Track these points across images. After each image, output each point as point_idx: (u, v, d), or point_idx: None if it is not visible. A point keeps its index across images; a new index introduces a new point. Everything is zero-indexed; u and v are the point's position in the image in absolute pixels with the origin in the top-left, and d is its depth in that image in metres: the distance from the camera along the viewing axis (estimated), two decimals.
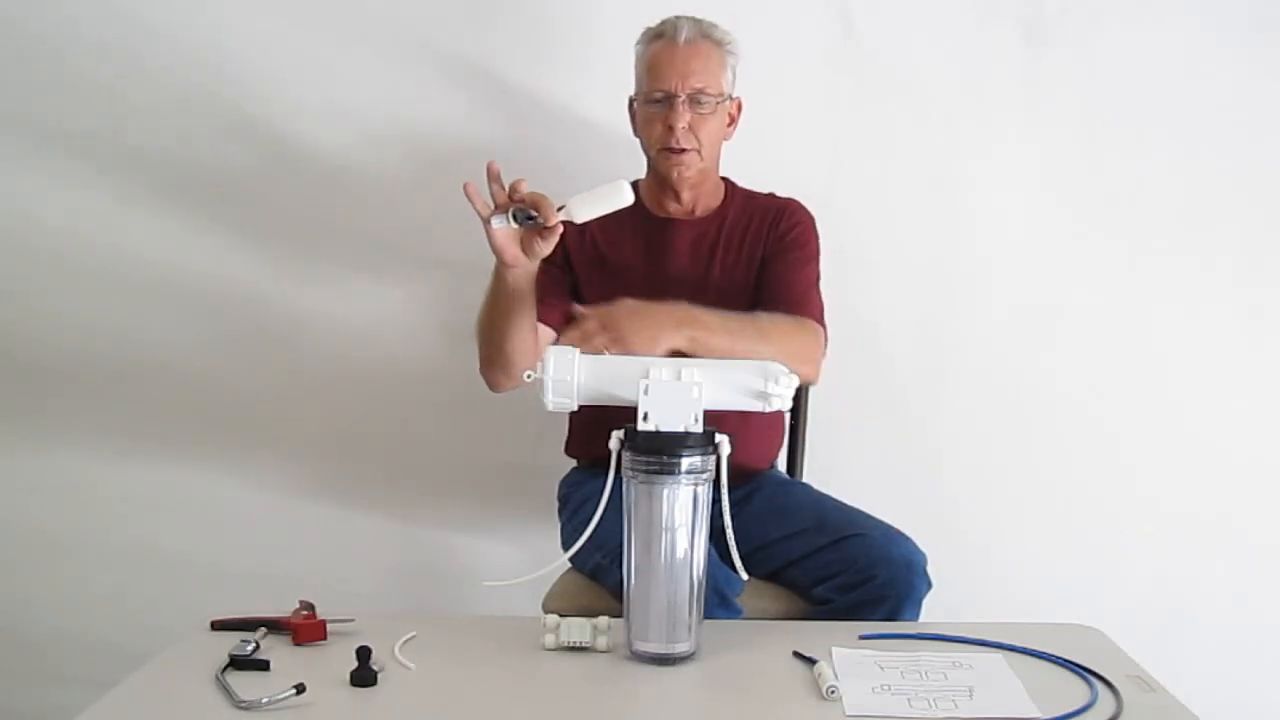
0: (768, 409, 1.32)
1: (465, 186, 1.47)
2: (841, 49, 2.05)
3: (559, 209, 1.44)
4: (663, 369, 1.28)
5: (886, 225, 2.09)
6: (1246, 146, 2.08)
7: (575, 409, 1.33)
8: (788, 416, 1.89)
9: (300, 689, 1.13)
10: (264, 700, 1.12)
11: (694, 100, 1.66)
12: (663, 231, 1.77)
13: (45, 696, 2.07)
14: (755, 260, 1.75)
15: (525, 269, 1.52)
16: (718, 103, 1.68)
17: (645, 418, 1.26)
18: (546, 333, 1.69)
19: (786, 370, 1.32)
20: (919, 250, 2.10)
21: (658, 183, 1.76)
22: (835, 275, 1.83)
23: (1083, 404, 2.12)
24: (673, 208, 1.77)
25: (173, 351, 2.10)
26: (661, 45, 1.68)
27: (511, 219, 1.45)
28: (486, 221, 1.47)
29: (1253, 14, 2.05)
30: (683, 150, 1.67)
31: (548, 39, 2.04)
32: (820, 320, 1.71)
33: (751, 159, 1.83)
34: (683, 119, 1.65)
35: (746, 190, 1.82)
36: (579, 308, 1.53)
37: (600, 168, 1.82)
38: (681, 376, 1.28)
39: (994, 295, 2.11)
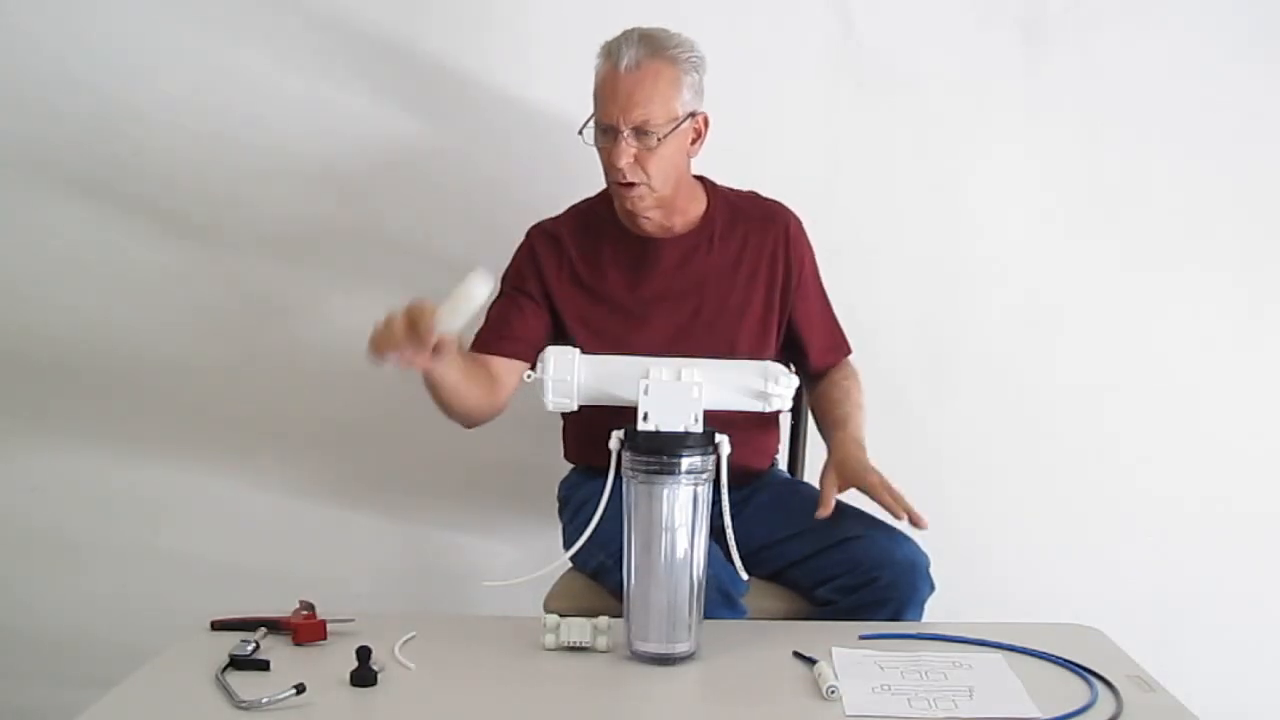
0: (768, 409, 1.32)
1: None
2: (841, 49, 2.05)
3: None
4: (663, 369, 1.28)
5: (886, 225, 2.09)
6: (1245, 147, 2.07)
7: (575, 409, 1.33)
8: (789, 415, 1.89)
9: (300, 689, 1.13)
10: (264, 700, 1.12)
11: (639, 133, 1.55)
12: (645, 250, 1.68)
13: (45, 696, 2.07)
14: (758, 283, 1.68)
15: (442, 365, 1.43)
16: (667, 132, 1.56)
17: (645, 418, 1.26)
18: (516, 365, 1.62)
19: (786, 370, 1.32)
20: (919, 250, 2.10)
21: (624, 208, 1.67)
22: (835, 275, 1.83)
23: (1083, 403, 2.12)
24: (648, 226, 1.67)
25: (173, 352, 2.10)
26: (607, 70, 1.57)
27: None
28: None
29: (1252, 16, 2.05)
30: (632, 184, 1.58)
31: (540, 42, 2.03)
32: (850, 347, 1.80)
33: (752, 159, 1.83)
34: (625, 155, 1.55)
35: (726, 192, 1.74)
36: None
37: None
38: (681, 376, 1.28)
39: (994, 295, 2.11)
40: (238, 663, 1.23)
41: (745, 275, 1.69)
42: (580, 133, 1.61)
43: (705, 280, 1.68)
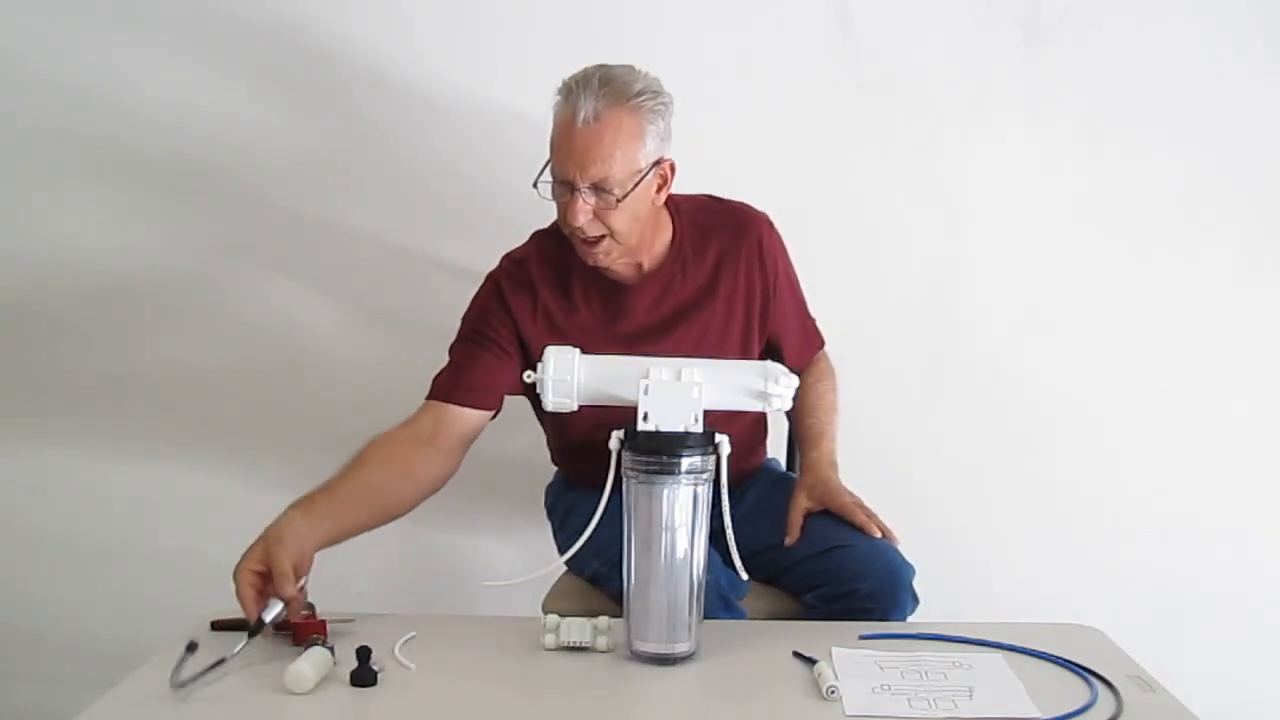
0: (768, 409, 1.32)
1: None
2: (841, 49, 2.05)
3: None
4: (663, 369, 1.28)
5: (886, 225, 2.09)
6: (1245, 147, 2.08)
7: (575, 409, 1.33)
8: (782, 415, 1.89)
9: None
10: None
11: (597, 190, 1.45)
12: (618, 293, 1.60)
13: (45, 696, 2.07)
14: (737, 303, 1.62)
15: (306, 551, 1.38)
16: (629, 189, 1.46)
17: (645, 418, 1.26)
18: (476, 415, 1.55)
19: (786, 370, 1.32)
20: (918, 251, 2.10)
21: None
22: (834, 276, 1.83)
23: (1083, 404, 2.12)
24: (620, 270, 1.59)
25: (172, 351, 2.10)
26: (564, 120, 1.46)
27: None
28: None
29: (1251, 15, 2.05)
30: (591, 239, 1.49)
31: (537, 42, 2.03)
32: (822, 339, 1.77)
33: (752, 159, 1.83)
34: (583, 213, 1.45)
35: (689, 210, 1.64)
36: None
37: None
38: (681, 376, 1.28)
39: (993, 296, 2.11)
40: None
41: (723, 298, 1.62)
42: (535, 185, 1.50)
43: (682, 312, 1.61)
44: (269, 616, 1.28)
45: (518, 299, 1.58)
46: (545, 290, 1.58)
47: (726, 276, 1.62)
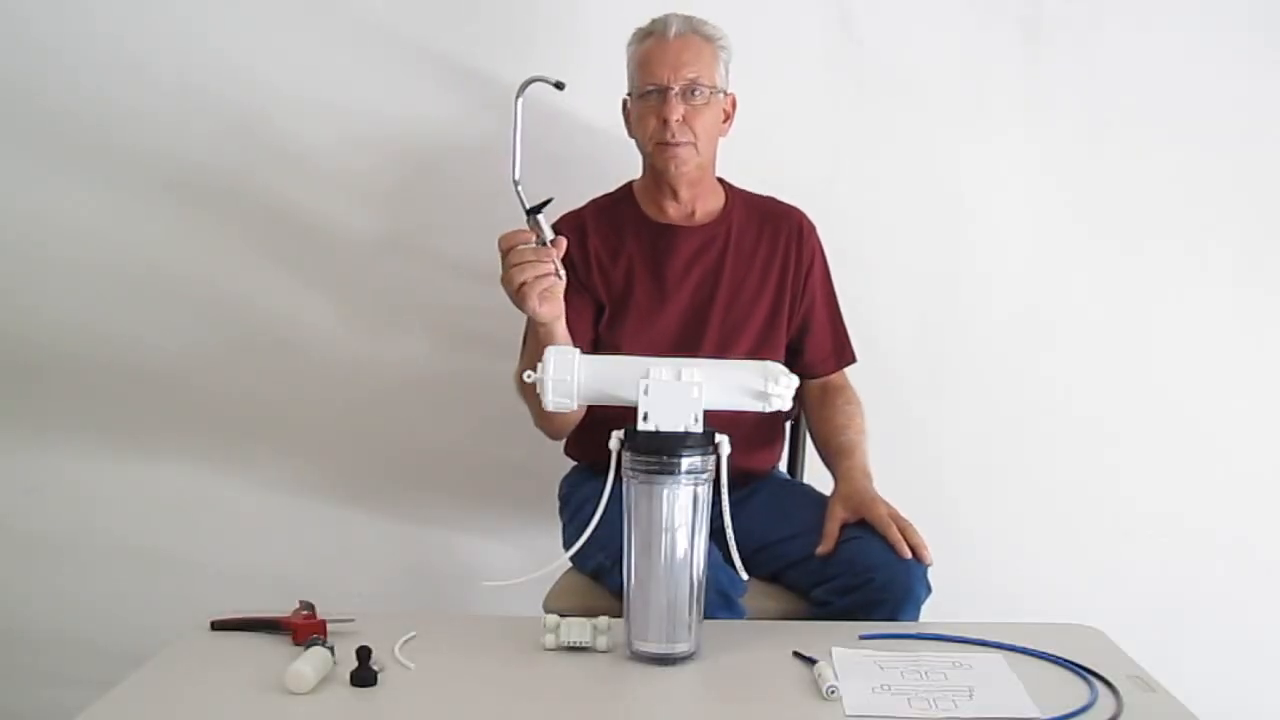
0: (767, 409, 1.32)
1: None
2: (841, 49, 2.05)
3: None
4: (663, 369, 1.28)
5: (886, 226, 2.09)
6: (1246, 146, 2.07)
7: (575, 408, 1.33)
8: (789, 422, 1.89)
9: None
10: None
11: (687, 92, 1.63)
12: (665, 240, 1.73)
13: (45, 696, 2.07)
14: (770, 276, 1.74)
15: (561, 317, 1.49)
16: (711, 93, 1.65)
17: (645, 418, 1.26)
18: None
19: (786, 370, 1.32)
20: (919, 251, 2.10)
21: (655, 183, 1.73)
22: (835, 276, 1.83)
23: (1083, 405, 2.12)
24: (672, 210, 1.74)
25: (173, 352, 2.10)
26: (652, 42, 1.66)
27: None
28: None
29: (1252, 13, 2.05)
30: (678, 144, 1.65)
31: (538, 36, 2.03)
32: (854, 355, 1.84)
33: (751, 159, 1.83)
34: (676, 111, 1.62)
35: (744, 192, 1.80)
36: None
37: (592, 165, 1.85)
38: (681, 376, 1.28)
39: (994, 296, 2.11)
40: None
41: (760, 265, 1.74)
42: (625, 101, 1.71)
43: (721, 266, 1.73)
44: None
45: (572, 244, 1.66)
46: (595, 235, 1.72)
47: (764, 249, 1.75)
